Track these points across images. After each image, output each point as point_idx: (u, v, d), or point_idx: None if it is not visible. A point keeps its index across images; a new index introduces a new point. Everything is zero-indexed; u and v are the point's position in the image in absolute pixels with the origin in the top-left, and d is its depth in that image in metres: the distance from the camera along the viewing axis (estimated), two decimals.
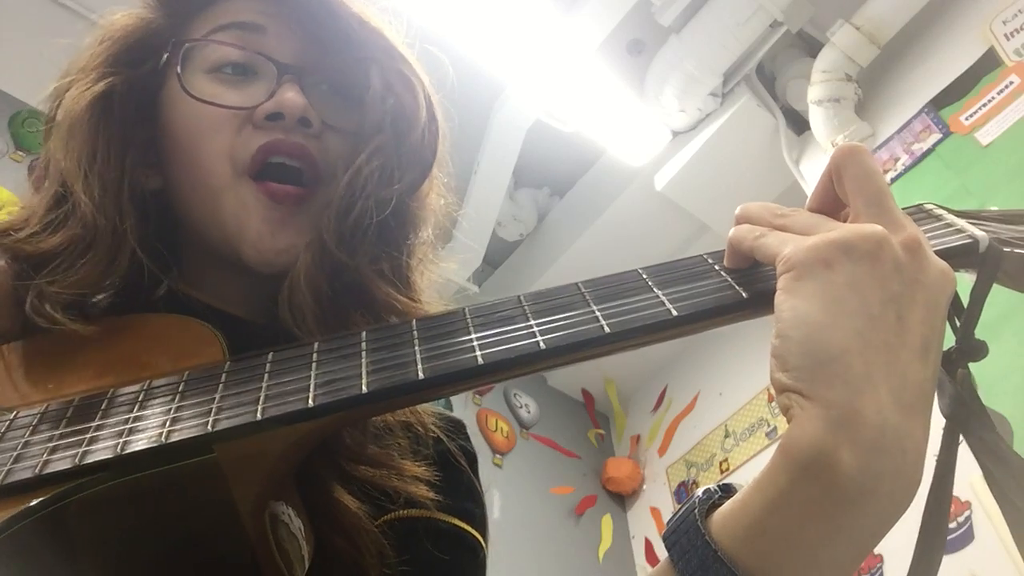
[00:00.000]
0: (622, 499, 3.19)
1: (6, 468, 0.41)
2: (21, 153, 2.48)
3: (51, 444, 0.42)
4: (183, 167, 0.61)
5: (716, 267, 0.46)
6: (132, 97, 0.60)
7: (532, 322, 0.44)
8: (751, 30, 2.24)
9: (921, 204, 0.50)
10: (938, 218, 0.48)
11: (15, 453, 0.42)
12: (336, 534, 0.51)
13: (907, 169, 2.07)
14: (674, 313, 0.42)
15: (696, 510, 0.41)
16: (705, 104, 2.45)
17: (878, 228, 0.40)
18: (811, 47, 2.40)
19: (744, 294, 0.43)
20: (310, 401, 0.41)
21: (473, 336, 0.44)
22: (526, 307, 0.45)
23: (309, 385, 0.42)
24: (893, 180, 2.09)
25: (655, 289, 0.44)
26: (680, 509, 0.43)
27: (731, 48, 2.29)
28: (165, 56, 0.61)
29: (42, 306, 0.52)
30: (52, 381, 0.50)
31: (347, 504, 0.52)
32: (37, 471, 0.40)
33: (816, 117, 2.22)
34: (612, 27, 2.32)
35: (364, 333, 0.46)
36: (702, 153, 2.47)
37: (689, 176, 2.52)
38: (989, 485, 0.43)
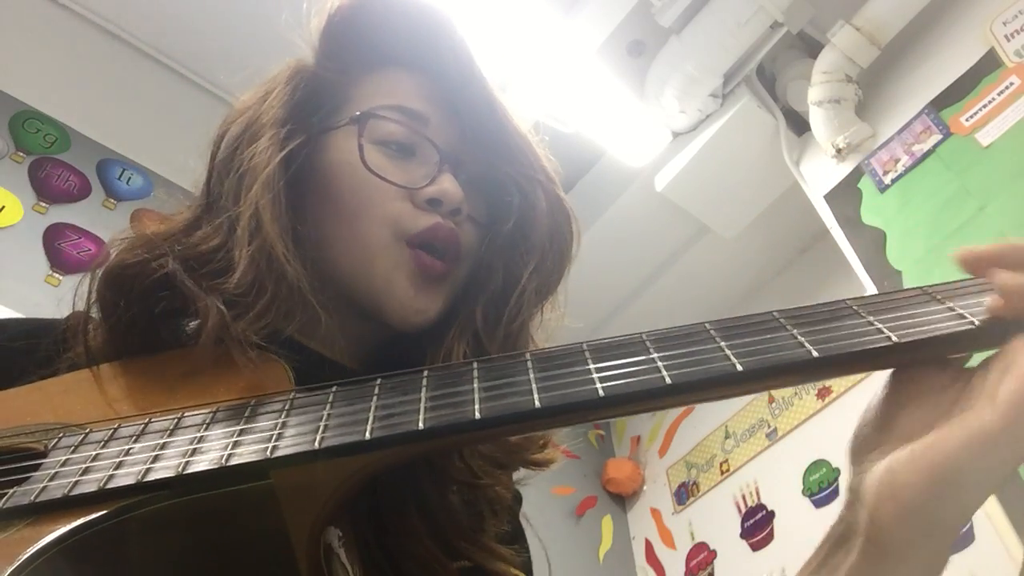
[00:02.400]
0: (622, 500, 3.19)
1: (74, 480, 0.42)
2: (21, 154, 2.47)
3: (118, 459, 0.43)
4: (339, 222, 0.64)
5: (787, 326, 0.44)
6: (306, 149, 0.65)
7: (591, 366, 0.43)
8: (751, 31, 2.24)
9: None
10: None
11: (84, 466, 0.43)
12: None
13: (907, 170, 2.07)
14: (739, 368, 0.41)
15: None
16: (705, 105, 2.45)
17: None
18: (811, 48, 2.40)
19: (814, 353, 0.42)
20: (367, 434, 0.41)
21: (532, 378, 0.43)
22: (587, 353, 0.45)
23: (368, 418, 0.43)
24: (894, 181, 2.09)
25: (719, 341, 0.44)
26: None
27: (731, 49, 2.28)
28: (343, 120, 0.66)
29: (247, 355, 0.53)
30: (127, 403, 0.52)
31: (443, 559, 0.55)
32: (102, 484, 0.41)
33: (816, 118, 2.21)
34: (612, 28, 2.32)
35: (425, 371, 0.46)
36: (702, 154, 2.47)
37: (689, 177, 2.52)
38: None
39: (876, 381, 0.47)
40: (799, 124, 2.42)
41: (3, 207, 2.33)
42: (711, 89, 2.40)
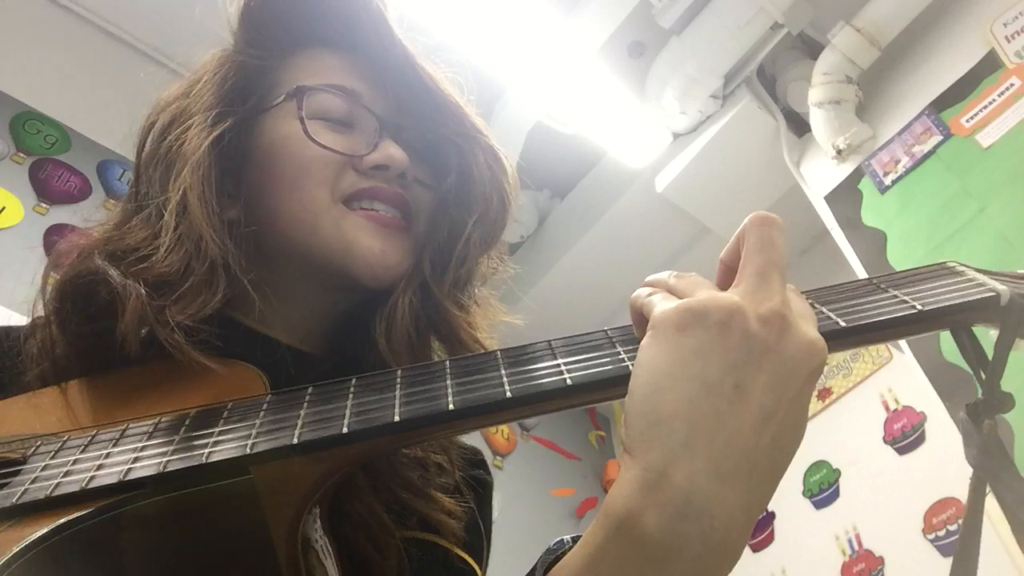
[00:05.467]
0: None
1: (56, 482, 0.42)
2: (22, 154, 2.48)
3: (99, 462, 0.44)
4: (281, 198, 0.64)
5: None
6: (238, 134, 0.65)
7: (559, 360, 0.46)
8: (752, 32, 2.24)
9: (944, 262, 0.52)
10: (960, 274, 0.50)
11: (66, 469, 0.44)
12: (369, 544, 0.54)
13: (908, 171, 2.07)
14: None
15: (540, 559, 0.47)
16: (706, 106, 2.45)
17: (734, 299, 0.42)
18: (812, 49, 2.40)
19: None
20: (344, 428, 0.43)
21: (503, 373, 0.46)
22: (555, 348, 0.48)
23: (345, 413, 0.44)
24: (894, 182, 2.09)
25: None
26: (538, 560, 0.48)
27: (732, 50, 2.29)
28: (280, 98, 0.66)
29: (173, 337, 0.54)
30: (103, 413, 0.52)
31: (383, 519, 0.55)
32: (84, 485, 0.41)
33: (817, 119, 2.22)
34: (613, 29, 2.32)
35: (399, 370, 0.48)
36: (703, 155, 2.47)
37: (690, 178, 2.52)
38: (1016, 534, 0.44)
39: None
40: (799, 125, 2.43)
41: (4, 208, 2.34)
42: (711, 90, 2.40)
